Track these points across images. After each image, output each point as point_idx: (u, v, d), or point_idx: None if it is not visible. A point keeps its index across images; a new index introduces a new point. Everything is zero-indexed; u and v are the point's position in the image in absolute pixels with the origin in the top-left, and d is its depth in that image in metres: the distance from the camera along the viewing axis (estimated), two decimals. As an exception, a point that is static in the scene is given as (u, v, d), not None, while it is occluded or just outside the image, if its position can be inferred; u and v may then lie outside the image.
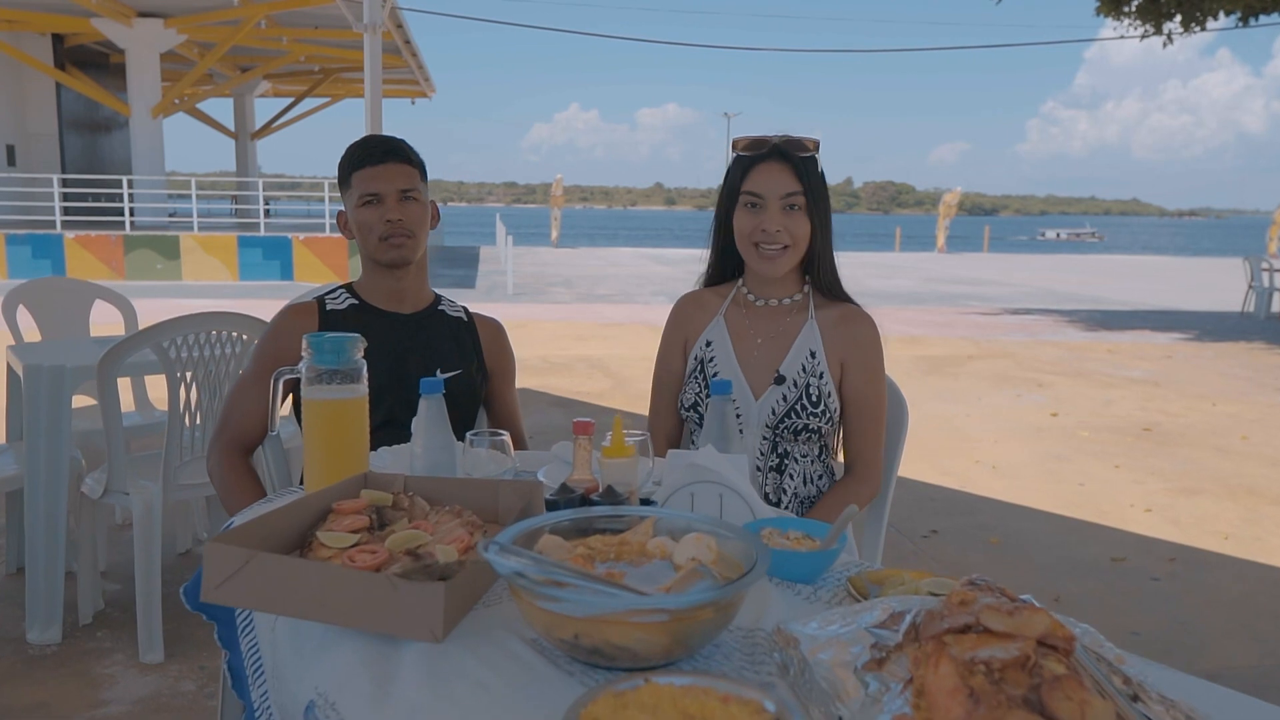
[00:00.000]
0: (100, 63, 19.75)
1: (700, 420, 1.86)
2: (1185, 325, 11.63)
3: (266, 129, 25.06)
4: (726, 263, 1.94)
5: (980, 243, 35.82)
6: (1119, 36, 14.28)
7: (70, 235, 15.03)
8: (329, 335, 1.41)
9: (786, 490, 1.83)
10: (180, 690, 2.52)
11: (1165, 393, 7.13)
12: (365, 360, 1.54)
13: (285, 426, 2.64)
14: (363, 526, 1.23)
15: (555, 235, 28.30)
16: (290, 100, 24.56)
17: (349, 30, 12.37)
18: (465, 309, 2.12)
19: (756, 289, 1.90)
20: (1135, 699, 0.87)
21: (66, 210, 16.88)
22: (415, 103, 26.21)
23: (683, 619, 0.90)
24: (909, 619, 0.99)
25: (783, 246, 1.78)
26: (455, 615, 1.02)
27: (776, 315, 1.88)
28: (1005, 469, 4.93)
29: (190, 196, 16.96)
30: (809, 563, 1.16)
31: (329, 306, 1.98)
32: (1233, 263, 23.64)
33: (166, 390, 2.62)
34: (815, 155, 1.81)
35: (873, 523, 1.99)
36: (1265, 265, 13.01)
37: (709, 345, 1.90)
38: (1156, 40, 13.52)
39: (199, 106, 23.10)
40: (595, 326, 10.35)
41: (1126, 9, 12.97)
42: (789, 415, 1.80)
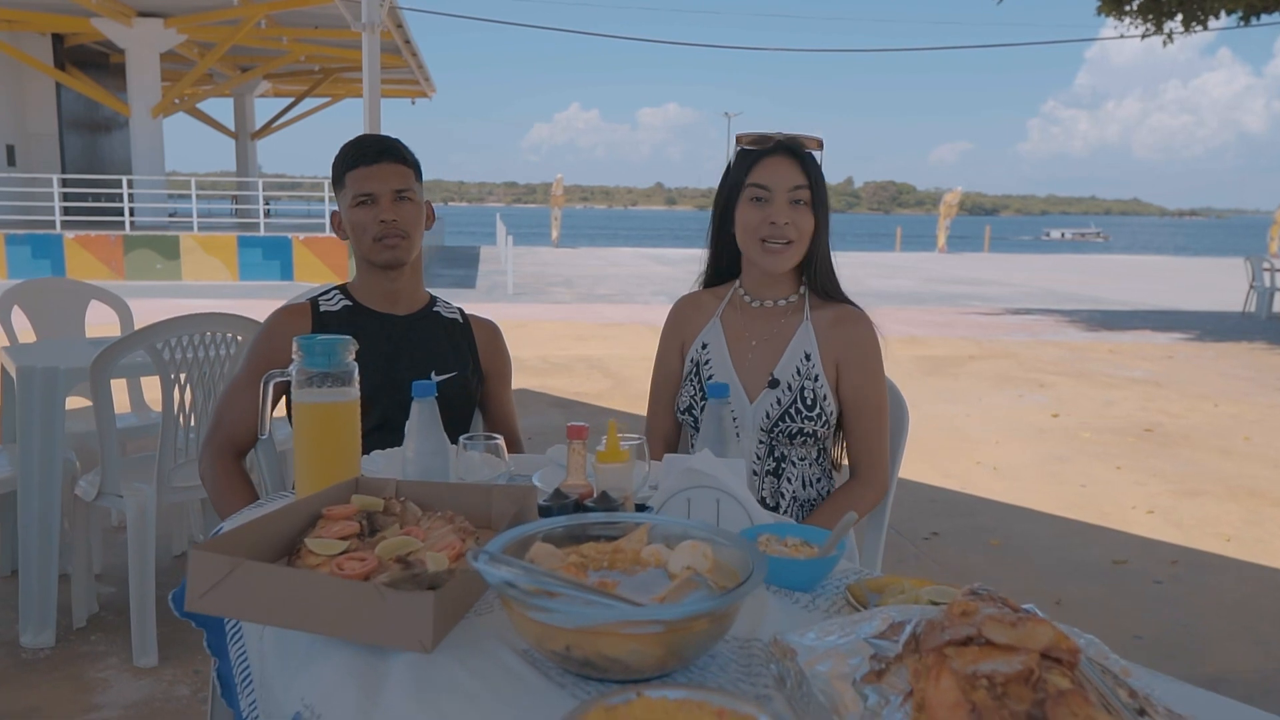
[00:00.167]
0: (100, 63, 19.74)
1: (695, 423, 1.83)
2: (1186, 325, 11.61)
3: (267, 129, 25.05)
4: (724, 262, 1.92)
5: (981, 243, 35.78)
6: (1120, 36, 14.25)
7: (70, 235, 15.01)
8: (320, 337, 1.38)
9: (785, 494, 1.81)
10: (174, 695, 2.50)
11: (1167, 393, 7.11)
12: (357, 363, 1.52)
13: (280, 428, 2.62)
14: (352, 533, 1.21)
15: (555, 235, 28.28)
16: (290, 100, 24.54)
17: (349, 30, 12.36)
18: (460, 310, 2.10)
19: (753, 290, 1.88)
20: (1142, 713, 0.85)
21: (66, 210, 16.86)
22: (415, 102, 26.20)
23: (677, 630, 0.88)
24: (909, 629, 0.97)
25: (787, 241, 1.75)
26: (445, 625, 1.00)
27: (772, 317, 1.86)
28: (1006, 470, 4.91)
29: (190, 196, 16.94)
30: (807, 571, 1.14)
31: (323, 308, 1.95)
32: (1233, 262, 23.61)
33: (160, 392, 2.60)
34: (819, 154, 1.80)
35: (873, 526, 1.97)
36: (1266, 265, 12.98)
37: (705, 348, 1.88)
38: (1157, 40, 13.50)
39: (199, 106, 23.09)
40: (595, 326, 10.33)
41: (1127, 8, 12.94)
42: (783, 419, 1.78)
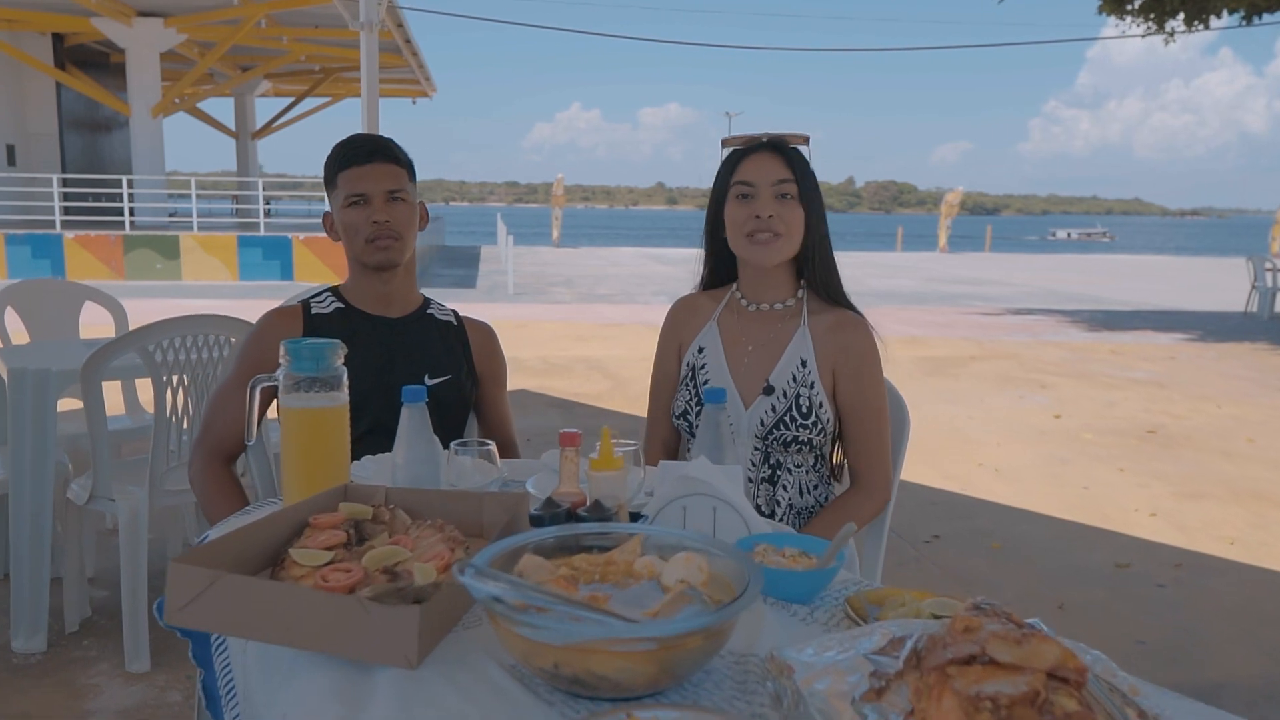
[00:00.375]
0: (100, 62, 19.72)
1: (691, 429, 1.80)
2: (1188, 325, 11.57)
3: (267, 129, 25.03)
4: (721, 265, 1.89)
5: (982, 242, 35.74)
6: (1121, 35, 14.22)
7: (70, 235, 14.99)
8: (307, 341, 1.35)
9: (781, 502, 1.77)
10: (166, 701, 2.47)
11: (1169, 394, 7.07)
12: (347, 366, 1.49)
13: (273, 431, 2.59)
14: (339, 543, 1.18)
15: (556, 235, 28.25)
16: (291, 100, 24.52)
17: (349, 29, 12.34)
18: (455, 312, 2.07)
19: (750, 293, 1.85)
20: (1151, 734, 0.82)
21: (66, 210, 16.83)
22: (416, 102, 26.20)
23: (670, 647, 0.85)
24: (910, 645, 0.94)
25: (775, 234, 1.73)
26: (431, 640, 0.97)
27: (769, 321, 1.82)
28: (1008, 472, 4.88)
29: (190, 196, 16.92)
30: (805, 582, 1.11)
31: (314, 310, 1.92)
32: (1234, 262, 23.56)
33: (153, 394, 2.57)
34: (805, 149, 1.77)
35: (874, 533, 1.93)
36: (1269, 265, 12.93)
37: (701, 352, 1.84)
38: (1158, 39, 13.47)
39: (199, 106, 23.07)
40: (595, 327, 10.30)
41: (1129, 7, 12.90)
42: (778, 426, 1.75)
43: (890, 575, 2.06)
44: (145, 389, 3.44)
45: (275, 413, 2.03)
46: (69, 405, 3.26)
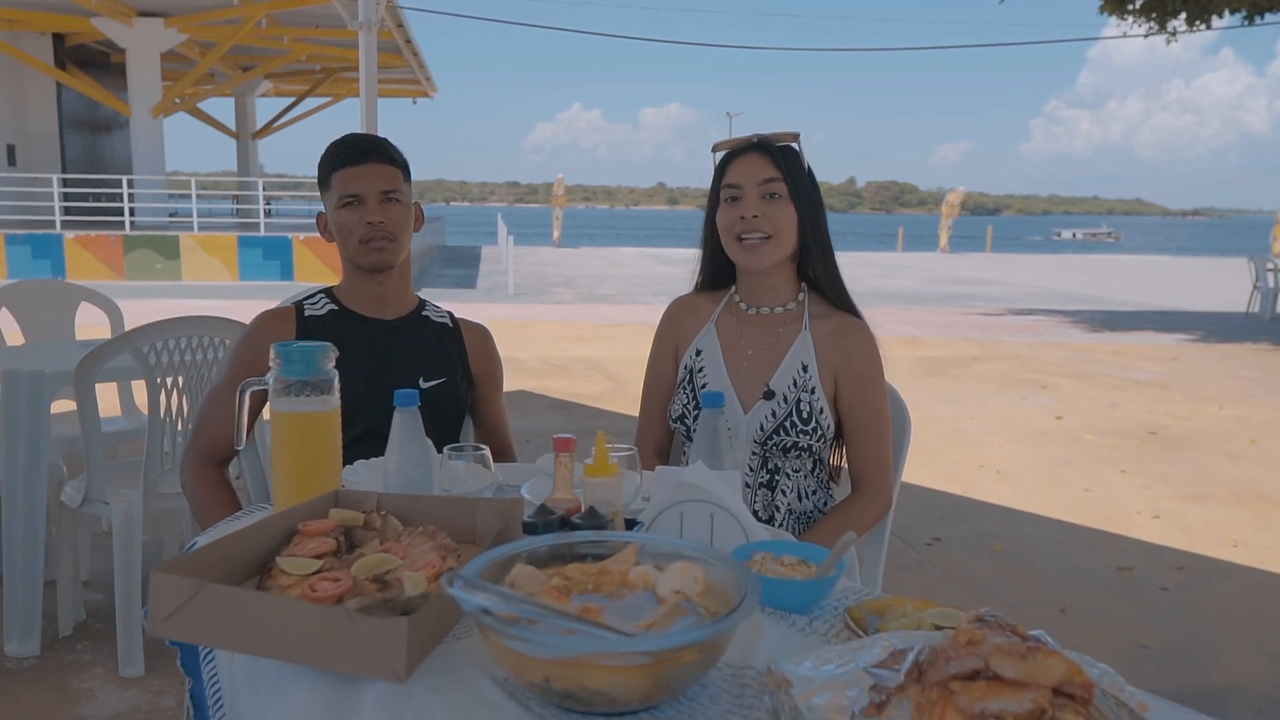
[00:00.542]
0: (101, 62, 19.70)
1: (688, 432, 1.78)
2: (1190, 326, 11.54)
3: (268, 129, 25.01)
4: (720, 269, 1.85)
5: (983, 243, 35.70)
6: (1123, 35, 14.19)
7: (70, 235, 14.98)
8: (298, 345, 1.33)
9: (779, 507, 1.75)
10: (160, 706, 2.44)
11: (1171, 395, 7.05)
12: (340, 369, 1.47)
13: (268, 434, 2.57)
14: (328, 550, 1.15)
15: (557, 235, 28.23)
16: (292, 100, 24.51)
17: (350, 29, 12.33)
18: (450, 314, 2.05)
19: (749, 297, 1.82)
20: (1160, 752, 0.80)
21: (67, 210, 16.82)
22: (417, 102, 26.18)
23: (664, 661, 0.82)
24: (911, 657, 0.91)
25: (764, 236, 1.69)
26: (420, 652, 0.95)
27: (769, 325, 1.79)
28: (1009, 474, 4.85)
29: (190, 196, 16.90)
30: (804, 592, 1.09)
31: (307, 312, 1.90)
32: (1236, 263, 23.51)
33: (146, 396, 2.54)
34: (794, 146, 1.73)
35: (874, 539, 1.91)
36: (1270, 265, 12.90)
37: (699, 354, 1.82)
38: (1160, 39, 13.43)
39: (200, 106, 23.05)
40: (596, 327, 10.28)
41: (1130, 7, 12.87)
42: (778, 432, 1.72)
43: (891, 578, 2.04)
44: (141, 390, 3.42)
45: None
46: (65, 407, 3.24)
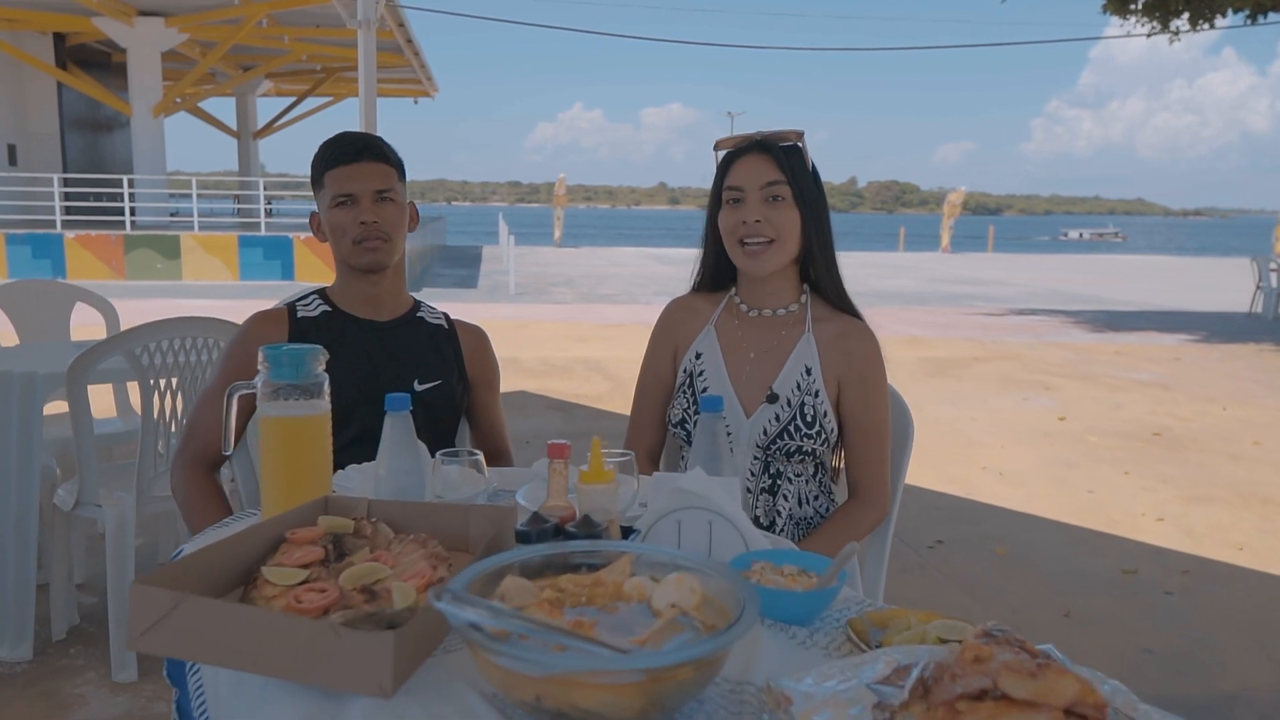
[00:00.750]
0: (102, 62, 19.68)
1: (689, 437, 1.74)
2: (1192, 326, 11.50)
3: (269, 128, 24.98)
4: (719, 271, 1.82)
5: (985, 242, 35.65)
6: (1125, 35, 14.14)
7: (70, 235, 14.95)
8: (286, 348, 1.30)
9: (781, 512, 1.71)
10: (153, 712, 2.41)
11: (1174, 396, 7.01)
12: (333, 371, 1.44)
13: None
14: (315, 559, 1.12)
15: (558, 235, 28.20)
16: (293, 99, 24.48)
17: (350, 29, 12.30)
18: (446, 315, 2.02)
19: (750, 299, 1.78)
20: (1175, 775, 0.77)
21: (67, 210, 16.80)
22: (418, 102, 26.16)
23: (658, 679, 0.79)
24: (915, 673, 0.88)
25: (767, 240, 1.66)
26: (408, 667, 0.92)
27: (771, 327, 1.76)
28: (1012, 476, 4.81)
29: (191, 196, 16.88)
30: (804, 604, 1.06)
31: (300, 313, 1.87)
32: (1238, 263, 23.47)
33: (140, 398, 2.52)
34: (798, 145, 1.69)
35: (877, 541, 1.88)
36: (1273, 265, 12.85)
37: (699, 357, 1.78)
38: (1161, 39, 13.39)
39: (201, 106, 23.02)
40: (596, 328, 10.24)
41: (1133, 6, 12.83)
42: (781, 436, 1.68)
43: (893, 581, 2.00)
44: (137, 391, 3.39)
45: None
46: (60, 408, 3.21)
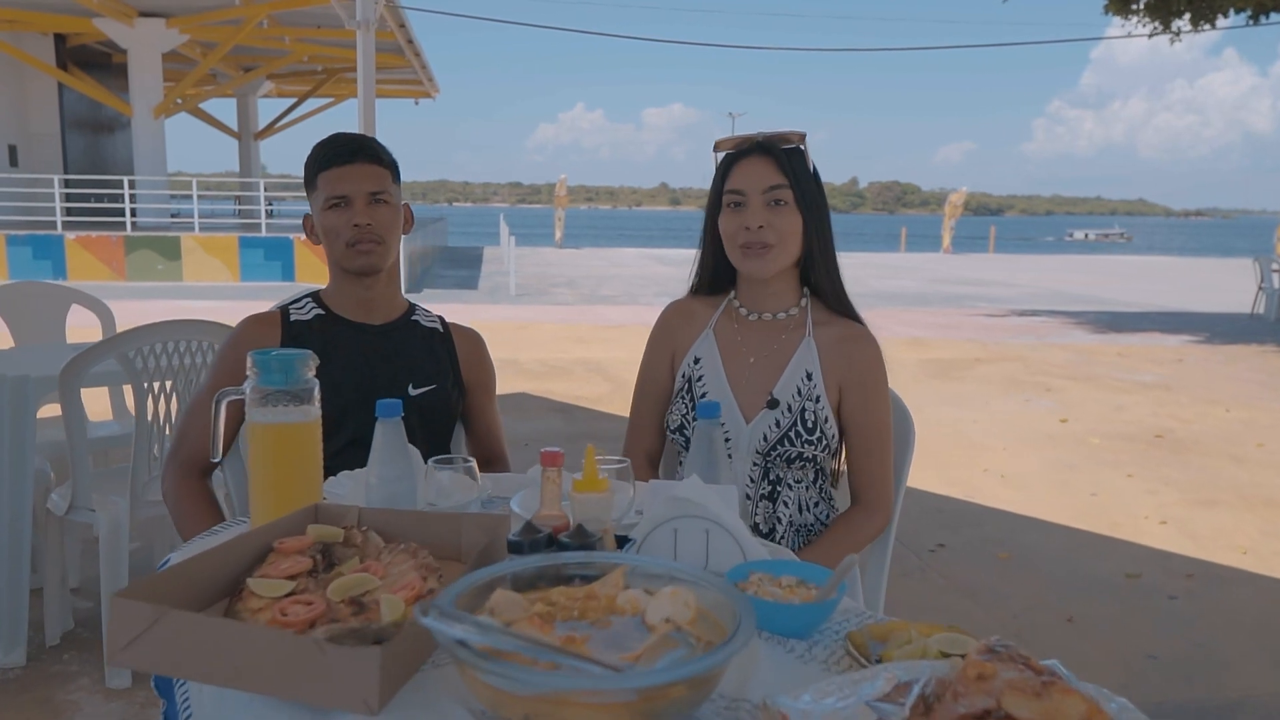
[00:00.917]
0: (102, 63, 19.68)
1: (687, 443, 1.71)
2: (1194, 327, 11.46)
3: (270, 129, 24.97)
4: (721, 273, 1.79)
5: (986, 243, 35.61)
6: (1127, 35, 14.10)
7: (71, 236, 14.94)
8: (276, 352, 1.27)
9: (781, 519, 1.69)
10: (146, 718, 2.39)
11: (1177, 398, 6.98)
12: (327, 375, 1.42)
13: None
14: (303, 570, 1.10)
15: (559, 235, 28.17)
16: (294, 100, 24.47)
17: (350, 30, 12.28)
18: (441, 319, 1.99)
19: (749, 302, 1.75)
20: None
21: (68, 211, 16.79)
22: (419, 103, 26.14)
23: (651, 698, 0.77)
24: (917, 690, 0.86)
25: (769, 245, 1.63)
26: (395, 683, 0.89)
27: (771, 331, 1.73)
28: (1014, 478, 4.79)
29: (192, 197, 16.87)
30: (803, 616, 1.03)
31: (293, 316, 1.85)
32: (1239, 263, 23.42)
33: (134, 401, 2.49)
34: (801, 148, 1.66)
35: (878, 546, 1.85)
36: (1275, 266, 12.80)
37: (697, 362, 1.75)
38: (1163, 40, 13.35)
39: (202, 107, 23.01)
40: (597, 329, 10.22)
41: (1135, 7, 12.79)
42: (782, 442, 1.65)
43: (894, 586, 1.98)
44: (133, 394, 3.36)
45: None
46: (55, 411, 3.18)
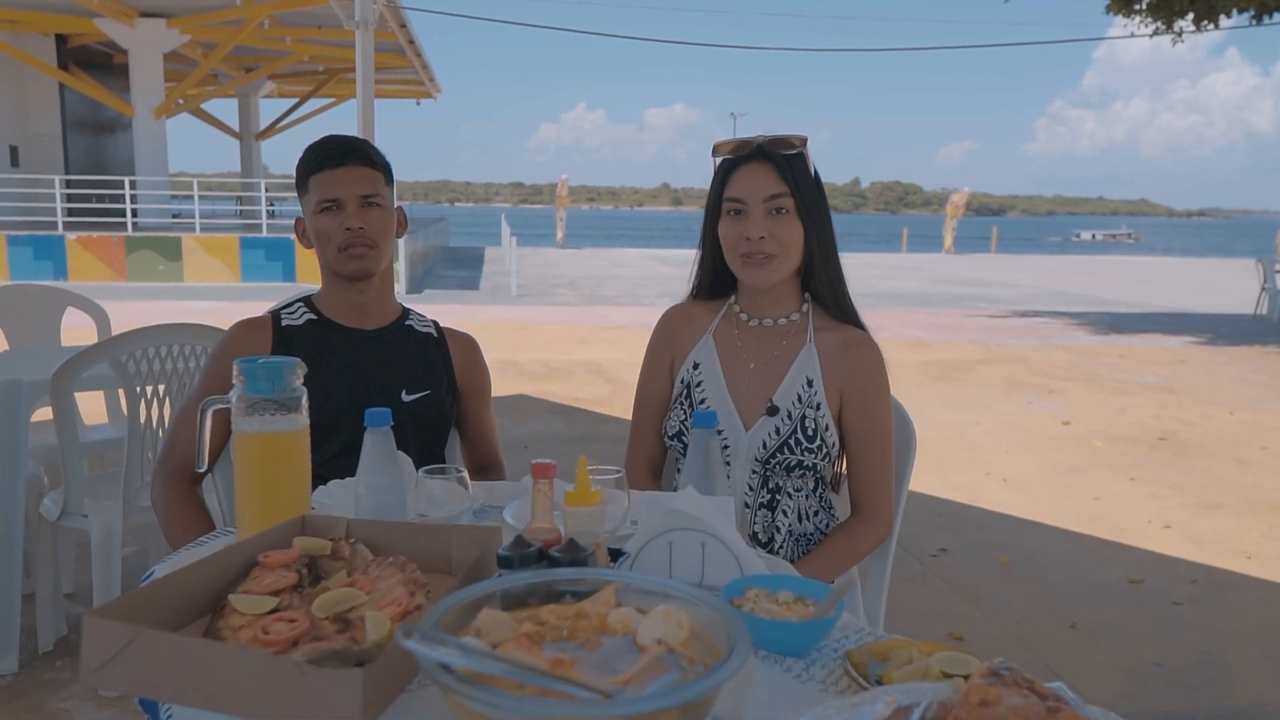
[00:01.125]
0: (104, 63, 19.67)
1: (685, 450, 1.69)
2: (1197, 328, 11.42)
3: (271, 129, 24.96)
4: (719, 279, 1.75)
5: (988, 243, 35.57)
6: (1129, 35, 14.06)
7: (72, 236, 14.93)
8: (262, 360, 1.25)
9: (780, 528, 1.66)
10: (139, 727, 2.36)
11: (1180, 400, 6.94)
12: (317, 382, 1.39)
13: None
14: (288, 585, 1.07)
15: (561, 236, 28.15)
16: (295, 100, 24.46)
17: (352, 30, 12.26)
18: (435, 323, 1.96)
19: (750, 307, 1.72)
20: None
21: (69, 211, 16.78)
22: (420, 103, 26.14)
23: (641, 725, 0.74)
24: (917, 714, 0.83)
25: (771, 255, 1.59)
26: (377, 705, 0.86)
27: (771, 337, 1.69)
28: (1016, 482, 4.75)
29: (193, 197, 16.86)
30: (800, 634, 1.00)
31: (284, 321, 1.82)
32: (1242, 264, 23.36)
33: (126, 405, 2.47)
34: (802, 152, 1.61)
35: (878, 558, 1.82)
36: (1278, 267, 12.76)
37: (697, 368, 1.72)
38: (1165, 40, 13.30)
39: (204, 107, 23.01)
40: (597, 329, 10.19)
41: (1137, 6, 12.75)
42: (781, 450, 1.62)
43: (895, 591, 1.95)
44: (127, 398, 3.34)
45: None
46: (49, 414, 3.16)
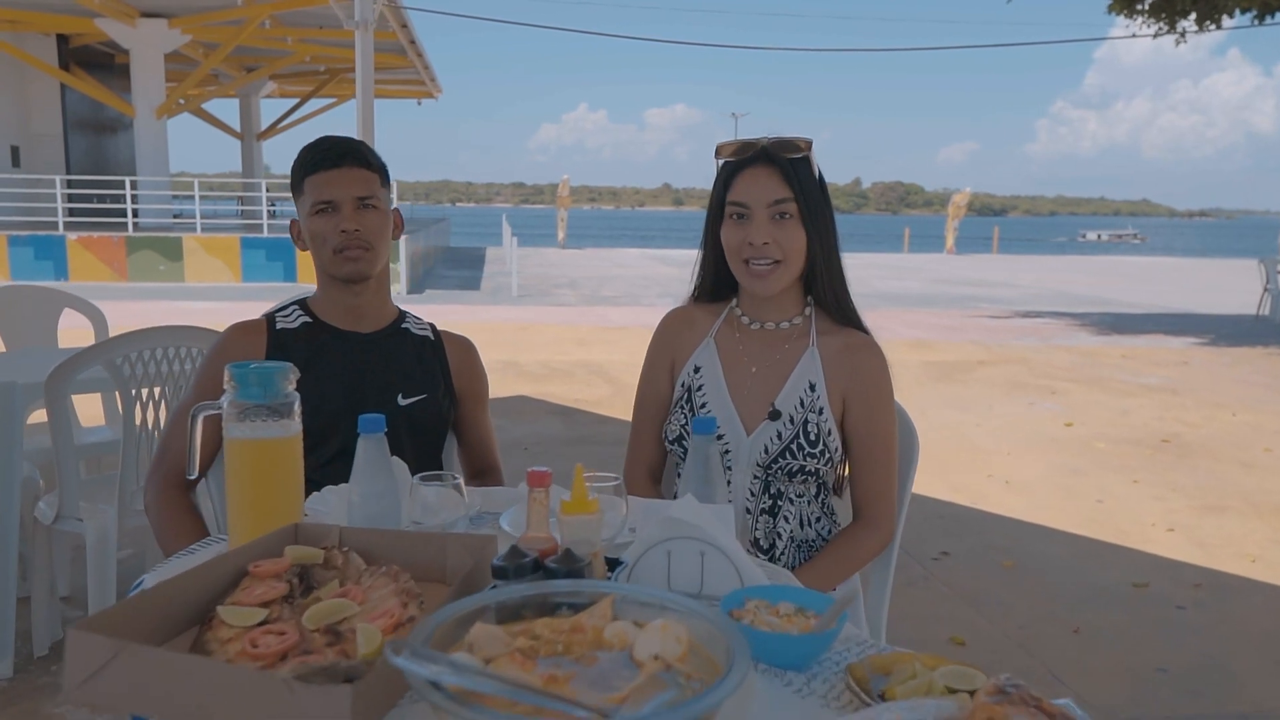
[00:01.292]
0: (105, 63, 19.66)
1: (685, 455, 1.67)
2: (1199, 329, 11.39)
3: (273, 129, 24.95)
4: (721, 280, 1.73)
5: (990, 244, 35.53)
6: (1131, 35, 14.03)
7: (73, 237, 14.93)
8: (254, 366, 1.23)
9: (781, 534, 1.63)
10: (134, 733, 2.34)
11: (1183, 401, 6.92)
12: (312, 386, 1.37)
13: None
14: (278, 596, 1.05)
15: (562, 236, 28.14)
16: (296, 101, 24.45)
17: (353, 30, 12.24)
18: (432, 326, 1.94)
19: (751, 311, 1.70)
20: None
21: (70, 211, 16.77)
22: (421, 103, 26.13)
23: (637, 745, 0.72)
24: (922, 732, 0.81)
25: (774, 261, 1.57)
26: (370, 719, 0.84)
27: (773, 341, 1.67)
28: (1019, 484, 4.73)
29: (194, 197, 16.85)
30: (801, 647, 0.98)
31: (279, 325, 1.80)
32: (1244, 264, 23.33)
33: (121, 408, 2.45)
34: (808, 156, 1.58)
35: (881, 564, 1.80)
36: (1281, 267, 12.75)
37: (698, 371, 1.70)
38: (1167, 40, 13.28)
39: (205, 107, 22.99)
40: (598, 330, 10.17)
41: (1139, 6, 12.72)
42: (783, 455, 1.60)
43: (897, 595, 1.93)
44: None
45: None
46: (45, 417, 3.14)
